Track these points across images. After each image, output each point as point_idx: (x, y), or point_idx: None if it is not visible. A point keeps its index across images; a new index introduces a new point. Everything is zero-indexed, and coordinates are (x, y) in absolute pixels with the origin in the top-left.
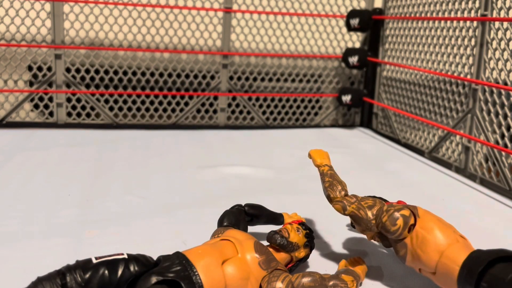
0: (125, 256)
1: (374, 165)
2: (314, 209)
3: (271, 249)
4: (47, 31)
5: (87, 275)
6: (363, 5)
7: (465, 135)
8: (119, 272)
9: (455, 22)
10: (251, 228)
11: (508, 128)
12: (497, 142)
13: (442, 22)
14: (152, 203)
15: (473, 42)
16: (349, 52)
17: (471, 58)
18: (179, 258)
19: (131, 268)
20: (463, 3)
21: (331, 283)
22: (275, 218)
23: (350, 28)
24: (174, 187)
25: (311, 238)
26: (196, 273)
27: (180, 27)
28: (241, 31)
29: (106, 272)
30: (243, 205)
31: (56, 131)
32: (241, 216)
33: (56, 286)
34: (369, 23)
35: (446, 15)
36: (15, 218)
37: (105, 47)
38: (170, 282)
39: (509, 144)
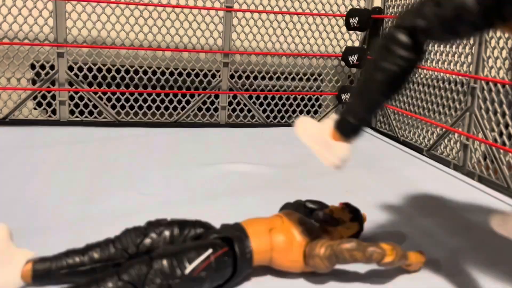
0: (194, 220)
1: (373, 163)
2: None
3: (320, 231)
4: (49, 30)
5: (164, 229)
6: (362, 4)
7: (463, 133)
8: (186, 231)
9: None
10: None
11: (506, 126)
12: (496, 140)
13: None
14: (153, 200)
15: (472, 41)
16: (349, 51)
17: (469, 57)
18: (235, 225)
19: (196, 230)
20: None
21: (369, 249)
22: None
23: (349, 27)
24: (175, 184)
25: (357, 214)
26: (247, 235)
27: (182, 26)
28: (242, 30)
29: (177, 229)
30: (303, 200)
31: (59, 129)
32: (300, 209)
33: (140, 232)
34: (369, 22)
35: None
36: (18, 214)
37: (107, 46)
38: (226, 242)
39: (507, 142)
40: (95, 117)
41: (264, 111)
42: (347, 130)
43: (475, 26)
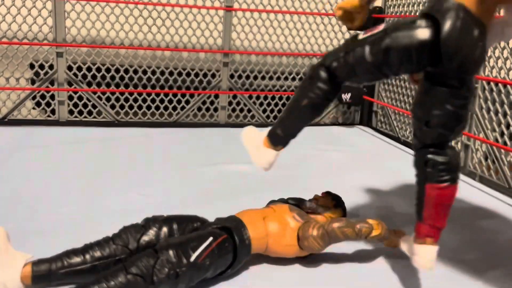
0: (191, 215)
1: (374, 163)
2: None
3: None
4: (48, 29)
5: (162, 224)
6: None
7: (464, 133)
8: (184, 226)
9: None
10: None
11: (507, 126)
12: (497, 140)
13: None
14: (153, 200)
15: None
16: None
17: None
18: (230, 217)
19: (193, 224)
20: None
21: (358, 225)
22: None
23: None
24: (175, 184)
25: (340, 200)
26: (244, 224)
27: (181, 26)
28: (242, 29)
29: (175, 224)
30: (286, 198)
31: (58, 129)
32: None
33: (139, 228)
34: (369, 22)
35: None
36: (16, 215)
37: (107, 45)
38: (224, 231)
39: (508, 142)
40: (94, 117)
41: (264, 111)
42: (275, 140)
43: (372, 74)
